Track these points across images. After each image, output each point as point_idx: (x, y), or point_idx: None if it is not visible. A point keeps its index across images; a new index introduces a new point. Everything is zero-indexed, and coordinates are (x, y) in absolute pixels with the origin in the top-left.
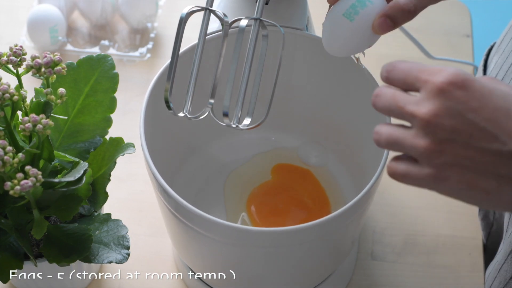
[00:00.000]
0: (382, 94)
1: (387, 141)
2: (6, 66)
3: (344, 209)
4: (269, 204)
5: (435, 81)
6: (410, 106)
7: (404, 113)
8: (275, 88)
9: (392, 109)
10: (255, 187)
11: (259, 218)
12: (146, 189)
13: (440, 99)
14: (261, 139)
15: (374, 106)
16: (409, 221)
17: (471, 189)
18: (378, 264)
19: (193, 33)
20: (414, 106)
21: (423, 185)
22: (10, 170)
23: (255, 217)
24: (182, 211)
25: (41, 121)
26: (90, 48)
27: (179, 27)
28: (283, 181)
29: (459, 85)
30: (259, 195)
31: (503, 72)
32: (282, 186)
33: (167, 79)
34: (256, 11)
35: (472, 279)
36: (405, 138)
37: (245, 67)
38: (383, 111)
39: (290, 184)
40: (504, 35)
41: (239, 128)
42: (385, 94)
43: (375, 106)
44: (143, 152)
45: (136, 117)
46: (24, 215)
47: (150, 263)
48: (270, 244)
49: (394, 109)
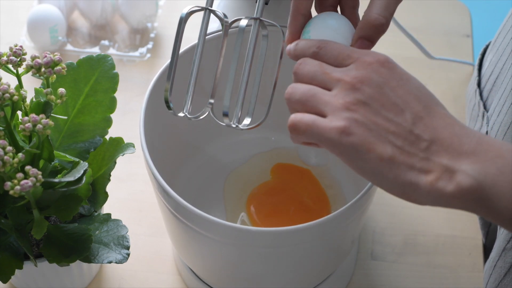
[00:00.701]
0: (309, 62)
1: (302, 94)
2: (6, 66)
3: (344, 209)
4: (268, 204)
5: (366, 59)
6: (337, 73)
7: (329, 78)
8: (275, 88)
9: (317, 75)
10: (255, 187)
11: (259, 218)
12: (146, 189)
13: (367, 71)
14: (261, 139)
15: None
16: (409, 221)
17: (368, 151)
18: (378, 264)
19: (193, 33)
20: (341, 73)
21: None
22: (10, 170)
23: (255, 217)
24: (182, 211)
25: (41, 121)
26: (90, 48)
27: (179, 27)
28: (282, 181)
29: (385, 65)
30: (258, 196)
31: (498, 70)
32: (282, 186)
33: (167, 79)
34: (256, 11)
35: (472, 279)
36: (324, 94)
37: (245, 67)
38: (304, 78)
39: (290, 184)
40: (499, 33)
41: (239, 128)
42: (312, 62)
43: (297, 72)
44: (143, 152)
45: (136, 117)
46: (24, 215)
47: (150, 263)
48: (270, 244)
49: (318, 75)
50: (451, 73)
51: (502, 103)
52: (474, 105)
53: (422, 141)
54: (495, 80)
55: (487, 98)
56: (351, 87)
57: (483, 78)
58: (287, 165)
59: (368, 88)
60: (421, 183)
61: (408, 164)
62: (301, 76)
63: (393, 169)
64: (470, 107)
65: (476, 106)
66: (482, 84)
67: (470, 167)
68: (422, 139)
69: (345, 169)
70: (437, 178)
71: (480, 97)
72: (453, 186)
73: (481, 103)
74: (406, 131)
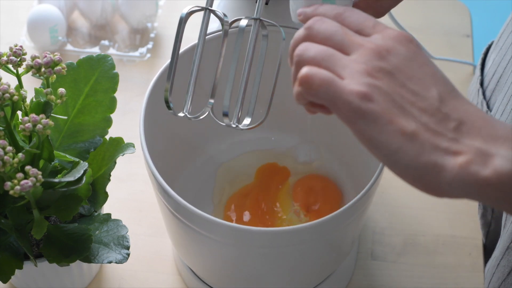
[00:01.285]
0: (327, 21)
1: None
2: (6, 66)
3: (344, 209)
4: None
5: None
6: (358, 38)
7: (350, 41)
8: (275, 88)
9: (336, 34)
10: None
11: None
12: (146, 189)
13: (393, 42)
14: (261, 139)
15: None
16: (409, 221)
17: (389, 123)
18: (378, 264)
19: (193, 33)
20: (363, 40)
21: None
22: (10, 170)
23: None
24: (182, 211)
25: (41, 121)
26: (90, 48)
27: (179, 27)
28: (262, 184)
29: (413, 42)
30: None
31: (501, 69)
32: (260, 190)
33: (167, 79)
34: (256, 11)
35: (472, 279)
36: (342, 57)
37: (245, 67)
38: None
39: (269, 186)
40: (502, 33)
41: (239, 128)
42: (331, 22)
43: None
44: (143, 152)
45: (136, 117)
46: (24, 215)
47: (150, 263)
48: (270, 244)
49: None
50: (451, 73)
51: (505, 103)
52: (477, 104)
53: (450, 121)
54: (499, 79)
55: (490, 98)
56: (376, 54)
57: (486, 78)
58: (271, 165)
59: (394, 58)
60: (448, 165)
61: (433, 143)
62: (316, 33)
63: (415, 146)
64: None
65: (479, 106)
66: (485, 83)
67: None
68: (451, 118)
69: (345, 169)
70: (469, 161)
71: (483, 97)
72: (490, 171)
73: (484, 102)
74: (433, 108)
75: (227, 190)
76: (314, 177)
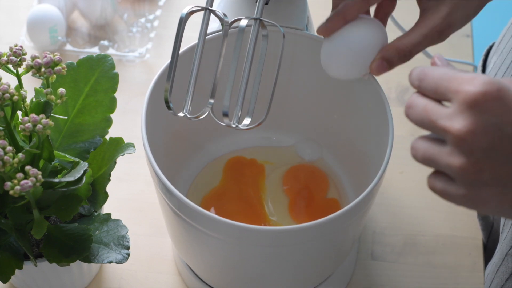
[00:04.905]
0: (414, 106)
1: (423, 158)
2: (6, 66)
3: (346, 210)
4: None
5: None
6: (442, 121)
7: (437, 128)
8: (275, 88)
9: (425, 122)
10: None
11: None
12: (146, 189)
13: (474, 113)
14: (261, 139)
15: (407, 117)
16: (409, 221)
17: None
18: (378, 264)
19: (193, 33)
20: (446, 120)
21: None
22: (10, 170)
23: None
24: (185, 209)
25: (41, 121)
26: (89, 48)
27: (179, 27)
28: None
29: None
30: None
31: (502, 72)
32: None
33: (167, 79)
34: (256, 11)
35: (472, 279)
36: (440, 155)
37: (245, 67)
38: (416, 124)
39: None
40: (503, 35)
41: (239, 128)
42: (417, 105)
43: (409, 118)
44: (146, 152)
45: (136, 117)
46: (24, 215)
47: (150, 263)
48: (272, 243)
49: (426, 123)
50: None
51: None
52: None
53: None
54: None
55: None
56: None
57: None
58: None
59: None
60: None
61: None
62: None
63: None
64: None
65: None
66: None
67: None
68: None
69: (344, 168)
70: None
71: None
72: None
73: None
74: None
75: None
76: (302, 166)
